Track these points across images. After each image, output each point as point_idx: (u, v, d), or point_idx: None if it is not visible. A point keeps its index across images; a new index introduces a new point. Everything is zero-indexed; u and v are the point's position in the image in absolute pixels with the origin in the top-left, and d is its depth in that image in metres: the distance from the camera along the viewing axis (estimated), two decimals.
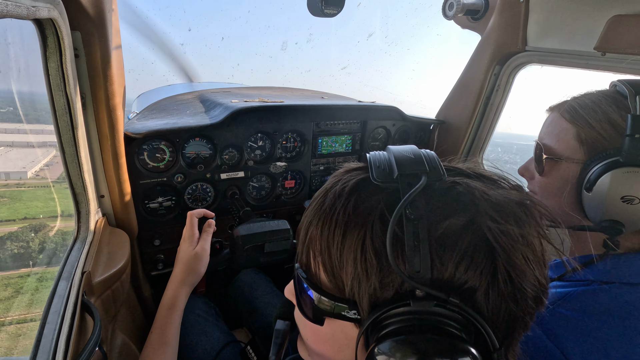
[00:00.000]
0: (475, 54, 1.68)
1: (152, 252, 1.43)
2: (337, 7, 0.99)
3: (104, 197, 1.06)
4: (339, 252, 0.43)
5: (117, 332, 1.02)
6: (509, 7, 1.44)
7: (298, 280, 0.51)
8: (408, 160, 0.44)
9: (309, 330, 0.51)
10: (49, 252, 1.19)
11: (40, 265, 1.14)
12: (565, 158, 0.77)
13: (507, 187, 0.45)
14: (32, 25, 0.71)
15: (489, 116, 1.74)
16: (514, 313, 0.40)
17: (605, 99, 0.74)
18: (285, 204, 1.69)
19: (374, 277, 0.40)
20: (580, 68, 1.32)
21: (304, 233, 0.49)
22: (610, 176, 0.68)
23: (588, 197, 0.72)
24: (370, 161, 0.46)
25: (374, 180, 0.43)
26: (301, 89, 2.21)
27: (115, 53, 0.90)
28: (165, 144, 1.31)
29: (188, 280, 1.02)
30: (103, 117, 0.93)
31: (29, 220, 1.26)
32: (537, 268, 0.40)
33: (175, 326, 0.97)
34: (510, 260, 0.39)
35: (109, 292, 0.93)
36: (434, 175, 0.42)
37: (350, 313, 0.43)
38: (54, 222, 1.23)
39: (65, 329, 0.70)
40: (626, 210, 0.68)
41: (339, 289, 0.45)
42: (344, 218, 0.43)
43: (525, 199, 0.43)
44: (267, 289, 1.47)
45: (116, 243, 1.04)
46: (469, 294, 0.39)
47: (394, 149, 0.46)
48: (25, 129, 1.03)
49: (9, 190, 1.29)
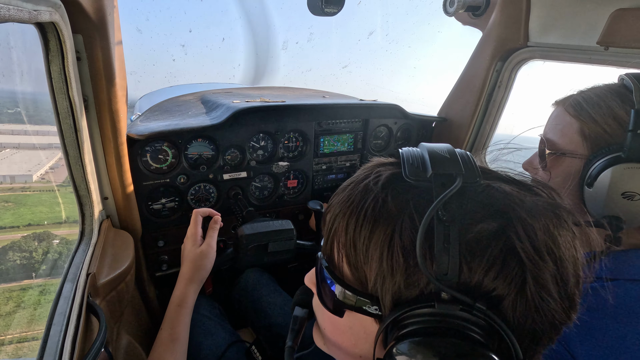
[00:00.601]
0: (477, 50, 1.67)
1: (156, 253, 1.43)
2: (337, 5, 0.99)
3: (108, 199, 1.07)
4: (365, 247, 0.42)
5: (123, 333, 1.03)
6: (511, 3, 1.43)
7: (320, 269, 0.51)
8: (443, 159, 0.42)
9: (327, 320, 0.51)
10: (52, 264, 1.19)
11: (44, 277, 1.14)
12: (569, 153, 0.76)
13: (542, 195, 0.43)
14: (35, 29, 0.71)
15: (492, 113, 1.73)
16: (540, 326, 0.39)
17: (610, 93, 0.73)
18: (288, 203, 1.69)
19: (399, 276, 0.40)
20: (583, 63, 1.31)
21: (329, 224, 0.48)
22: (611, 172, 0.67)
23: (589, 192, 0.72)
24: (403, 157, 0.45)
25: (407, 178, 0.42)
26: (302, 89, 2.21)
27: (117, 55, 0.90)
28: (168, 145, 1.31)
29: (196, 277, 1.02)
30: (105, 119, 0.93)
31: (33, 228, 1.25)
32: (567, 283, 0.39)
33: (185, 323, 0.97)
34: (539, 276, 0.37)
35: (114, 294, 0.94)
36: (469, 177, 0.41)
37: (372, 308, 0.43)
38: (59, 229, 1.23)
39: (71, 330, 0.71)
40: (627, 206, 0.68)
41: (361, 283, 0.44)
42: (374, 213, 0.42)
43: (560, 207, 0.42)
44: (272, 289, 1.48)
45: (120, 244, 1.05)
46: (496, 302, 0.38)
47: (428, 146, 0.45)
48: (30, 130, 1.03)
49: (14, 194, 1.29)
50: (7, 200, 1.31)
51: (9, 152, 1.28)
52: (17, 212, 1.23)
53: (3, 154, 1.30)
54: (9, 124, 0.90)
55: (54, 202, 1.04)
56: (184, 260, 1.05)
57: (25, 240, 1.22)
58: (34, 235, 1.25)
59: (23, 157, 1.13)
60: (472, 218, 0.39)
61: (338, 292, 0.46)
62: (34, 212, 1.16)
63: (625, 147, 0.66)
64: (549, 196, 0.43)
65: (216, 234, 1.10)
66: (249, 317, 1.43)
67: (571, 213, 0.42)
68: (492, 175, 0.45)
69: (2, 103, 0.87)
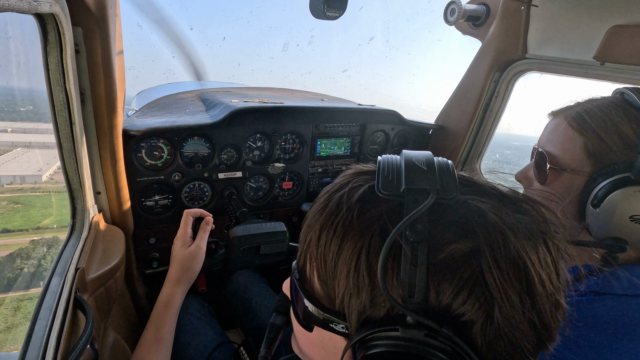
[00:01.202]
0: (476, 60, 1.69)
1: (147, 250, 1.42)
2: (339, 9, 0.99)
3: (101, 194, 1.06)
4: (334, 263, 0.41)
5: (110, 330, 1.01)
6: (510, 15, 1.45)
7: (292, 281, 0.50)
8: (419, 171, 0.39)
9: (300, 331, 0.50)
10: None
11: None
12: (571, 169, 0.73)
13: (530, 212, 0.40)
14: (34, 20, 0.71)
15: (488, 122, 1.74)
16: (512, 353, 0.37)
17: (615, 108, 0.71)
18: (282, 205, 1.68)
19: (365, 295, 0.38)
20: (579, 77, 1.33)
21: (304, 235, 0.47)
22: (620, 194, 0.64)
23: (595, 213, 0.69)
24: (379, 167, 0.42)
25: (379, 192, 0.40)
26: (301, 91, 2.21)
27: (116, 50, 0.90)
28: (164, 142, 1.30)
29: (184, 278, 1.02)
30: (102, 114, 0.93)
31: (41, 231, 1.22)
32: (540, 311, 0.36)
33: (170, 324, 0.96)
34: (506, 304, 0.35)
35: (102, 290, 0.93)
36: (444, 193, 0.38)
37: (339, 327, 0.41)
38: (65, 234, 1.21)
39: (57, 325, 0.70)
40: (634, 230, 0.66)
41: (330, 299, 0.43)
42: (344, 228, 0.40)
43: (545, 227, 0.39)
44: (262, 290, 1.47)
45: (111, 240, 1.04)
46: (465, 327, 0.36)
47: (408, 154, 0.42)
48: (40, 128, 1.02)
49: (24, 195, 1.26)
50: (17, 201, 1.29)
51: (20, 150, 1.26)
52: (27, 214, 1.19)
53: (14, 153, 1.29)
54: (22, 122, 0.89)
55: (62, 205, 1.02)
56: (173, 260, 1.05)
57: (33, 246, 1.19)
58: (42, 240, 1.22)
59: (33, 157, 1.11)
60: (444, 238, 0.37)
61: (307, 307, 0.45)
62: (43, 215, 1.13)
63: (635, 169, 0.63)
64: (537, 213, 0.41)
65: (207, 235, 1.09)
66: (239, 317, 1.42)
67: (557, 234, 0.40)
68: (473, 189, 0.42)
69: (16, 101, 0.86)
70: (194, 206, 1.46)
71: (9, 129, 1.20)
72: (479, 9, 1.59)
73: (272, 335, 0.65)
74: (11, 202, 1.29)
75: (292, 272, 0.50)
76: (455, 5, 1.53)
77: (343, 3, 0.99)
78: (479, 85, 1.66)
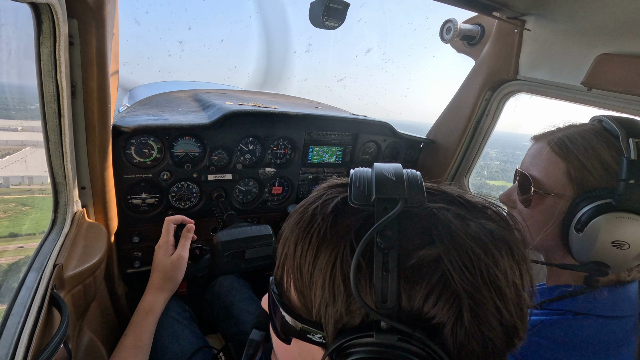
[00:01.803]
0: (469, 78, 1.72)
1: (130, 249, 1.39)
2: (338, 20, 1.00)
3: (85, 189, 1.03)
4: (310, 273, 0.42)
5: (85, 330, 0.98)
6: (504, 37, 1.49)
7: (270, 294, 0.50)
8: (388, 182, 0.41)
9: (279, 345, 0.50)
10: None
11: None
12: (554, 193, 0.76)
13: (495, 218, 0.43)
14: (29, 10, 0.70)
15: (478, 140, 1.77)
16: (481, 352, 0.38)
17: (595, 136, 0.73)
18: (270, 210, 1.67)
19: (341, 303, 0.39)
20: (567, 101, 1.37)
21: (280, 248, 0.48)
22: (603, 219, 0.66)
23: (578, 237, 0.71)
24: (351, 179, 0.44)
25: (351, 202, 0.42)
26: (296, 97, 2.22)
27: (111, 44, 0.89)
28: (154, 140, 1.29)
29: (166, 287, 1.02)
30: (92, 108, 0.91)
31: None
32: (507, 312, 0.38)
33: (150, 331, 0.95)
34: (474, 305, 0.37)
35: (80, 287, 0.90)
36: (413, 201, 0.40)
37: (316, 337, 0.42)
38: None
39: (30, 322, 0.67)
40: (615, 254, 0.68)
41: (307, 310, 0.43)
42: (318, 238, 0.42)
43: (509, 234, 0.41)
44: (245, 296, 1.45)
45: (93, 237, 1.01)
46: (436, 329, 0.37)
47: (379, 167, 0.44)
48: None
49: (32, 197, 1.22)
50: (25, 203, 1.24)
51: (29, 150, 1.23)
52: (35, 218, 1.14)
53: (23, 153, 1.25)
54: (32, 121, 0.87)
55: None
56: (155, 269, 1.04)
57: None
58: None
59: (40, 156, 1.08)
60: (412, 244, 0.38)
61: (285, 319, 0.45)
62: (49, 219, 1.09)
63: (617, 195, 0.66)
64: (501, 219, 0.43)
65: (189, 243, 1.08)
66: (220, 322, 1.39)
67: (523, 240, 0.42)
68: (441, 197, 0.44)
69: (26, 99, 0.84)
70: (181, 206, 1.44)
71: (19, 127, 1.17)
72: (474, 29, 1.63)
73: (252, 351, 0.65)
74: (19, 204, 1.24)
75: (270, 285, 0.50)
76: (452, 24, 1.57)
77: (342, 14, 1.00)
78: (471, 102, 1.69)
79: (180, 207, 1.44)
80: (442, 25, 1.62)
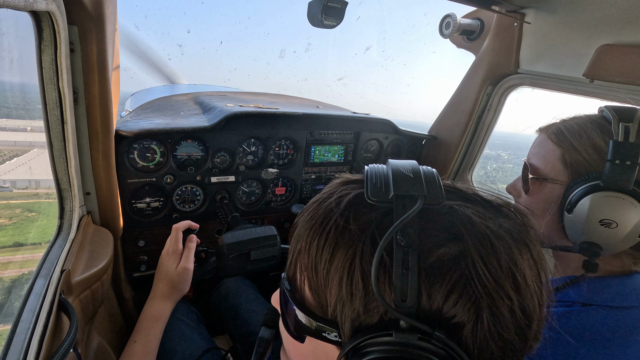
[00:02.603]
0: (469, 73, 1.72)
1: (135, 253, 1.40)
2: (336, 19, 1.00)
3: (90, 195, 1.04)
4: (326, 271, 0.41)
5: (94, 335, 0.99)
6: (504, 30, 1.48)
7: (282, 292, 0.49)
8: (406, 179, 0.41)
9: (290, 343, 0.49)
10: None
11: None
12: (550, 179, 0.79)
13: (511, 216, 0.42)
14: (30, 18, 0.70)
15: (480, 135, 1.77)
16: (500, 354, 0.38)
17: (591, 123, 0.76)
18: (274, 210, 1.68)
19: (359, 302, 0.39)
20: (569, 93, 1.36)
21: (293, 244, 0.47)
22: (590, 199, 0.69)
23: (569, 218, 0.74)
24: (367, 176, 0.43)
25: (368, 199, 0.41)
26: (297, 97, 2.22)
27: (112, 50, 0.89)
28: (157, 144, 1.29)
29: (173, 296, 1.03)
30: (95, 114, 0.92)
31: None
32: (527, 312, 0.38)
33: (158, 337, 0.96)
34: (494, 304, 0.36)
35: (88, 292, 0.91)
36: (431, 199, 0.39)
37: (332, 335, 0.41)
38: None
39: (39, 328, 0.68)
40: (604, 234, 0.70)
41: (322, 308, 0.43)
42: (335, 235, 0.41)
43: (527, 232, 0.41)
44: (252, 297, 1.45)
45: (99, 242, 1.02)
46: (456, 329, 0.37)
47: (394, 164, 0.44)
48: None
49: (38, 202, 1.18)
50: (31, 209, 1.21)
51: (37, 151, 1.21)
52: (42, 225, 1.11)
53: (30, 155, 1.23)
54: (39, 121, 0.87)
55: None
56: (161, 277, 1.04)
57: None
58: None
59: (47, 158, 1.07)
60: (433, 242, 0.38)
61: (299, 317, 0.44)
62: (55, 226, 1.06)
63: (604, 176, 0.68)
64: (516, 217, 0.42)
65: (192, 253, 1.09)
66: (227, 324, 1.40)
67: (538, 238, 0.42)
68: (458, 195, 0.44)
69: (35, 99, 0.83)
70: (185, 209, 1.45)
71: (28, 127, 1.17)
72: (474, 23, 1.62)
73: (261, 349, 0.64)
74: (25, 210, 1.22)
75: (282, 282, 0.49)
76: (451, 19, 1.56)
77: (340, 12, 1.00)
78: (472, 98, 1.69)
79: (185, 210, 1.44)
80: (441, 20, 1.61)
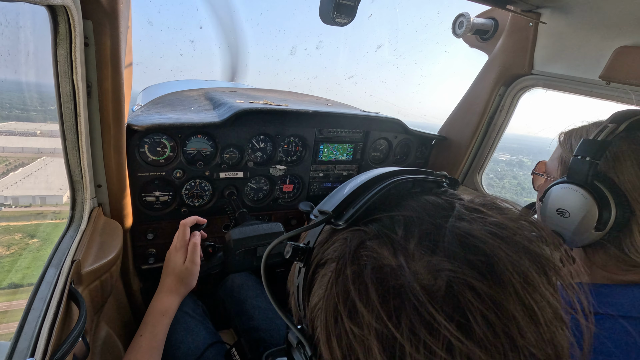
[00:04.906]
0: (482, 73, 1.69)
1: (144, 246, 1.42)
2: (348, 16, 1.00)
3: (101, 187, 1.06)
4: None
5: (102, 324, 1.01)
6: (518, 30, 1.46)
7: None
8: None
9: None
10: None
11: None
12: (545, 175, 0.85)
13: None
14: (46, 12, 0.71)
15: (491, 136, 1.74)
16: None
17: (596, 126, 0.77)
18: (281, 207, 1.68)
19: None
20: (584, 95, 1.33)
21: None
22: (552, 190, 0.76)
23: (539, 207, 0.80)
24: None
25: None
26: (307, 95, 2.22)
27: (124, 45, 0.90)
28: (167, 139, 1.31)
29: (180, 291, 1.04)
30: (107, 107, 0.93)
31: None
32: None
33: (165, 332, 0.97)
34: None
35: (97, 283, 0.92)
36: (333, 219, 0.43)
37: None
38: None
39: (50, 316, 0.69)
40: (560, 223, 0.75)
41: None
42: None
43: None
44: (257, 292, 1.46)
45: (109, 233, 1.04)
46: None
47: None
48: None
49: (42, 223, 1.03)
50: (34, 234, 1.04)
51: (44, 160, 1.15)
52: (44, 257, 0.83)
53: (37, 164, 1.16)
54: (51, 123, 0.84)
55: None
56: (169, 272, 1.05)
57: None
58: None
59: (56, 169, 0.98)
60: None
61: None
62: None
63: (568, 170, 0.73)
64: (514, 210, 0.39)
65: (198, 249, 1.10)
66: (232, 318, 1.41)
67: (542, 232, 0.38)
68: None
69: (47, 100, 0.79)
70: (193, 204, 1.46)
71: (37, 131, 1.13)
72: (487, 22, 1.59)
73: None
74: (26, 235, 1.03)
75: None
76: (464, 18, 1.54)
77: (352, 10, 0.99)
78: (484, 98, 1.66)
79: (193, 205, 1.46)
80: (454, 19, 1.59)
